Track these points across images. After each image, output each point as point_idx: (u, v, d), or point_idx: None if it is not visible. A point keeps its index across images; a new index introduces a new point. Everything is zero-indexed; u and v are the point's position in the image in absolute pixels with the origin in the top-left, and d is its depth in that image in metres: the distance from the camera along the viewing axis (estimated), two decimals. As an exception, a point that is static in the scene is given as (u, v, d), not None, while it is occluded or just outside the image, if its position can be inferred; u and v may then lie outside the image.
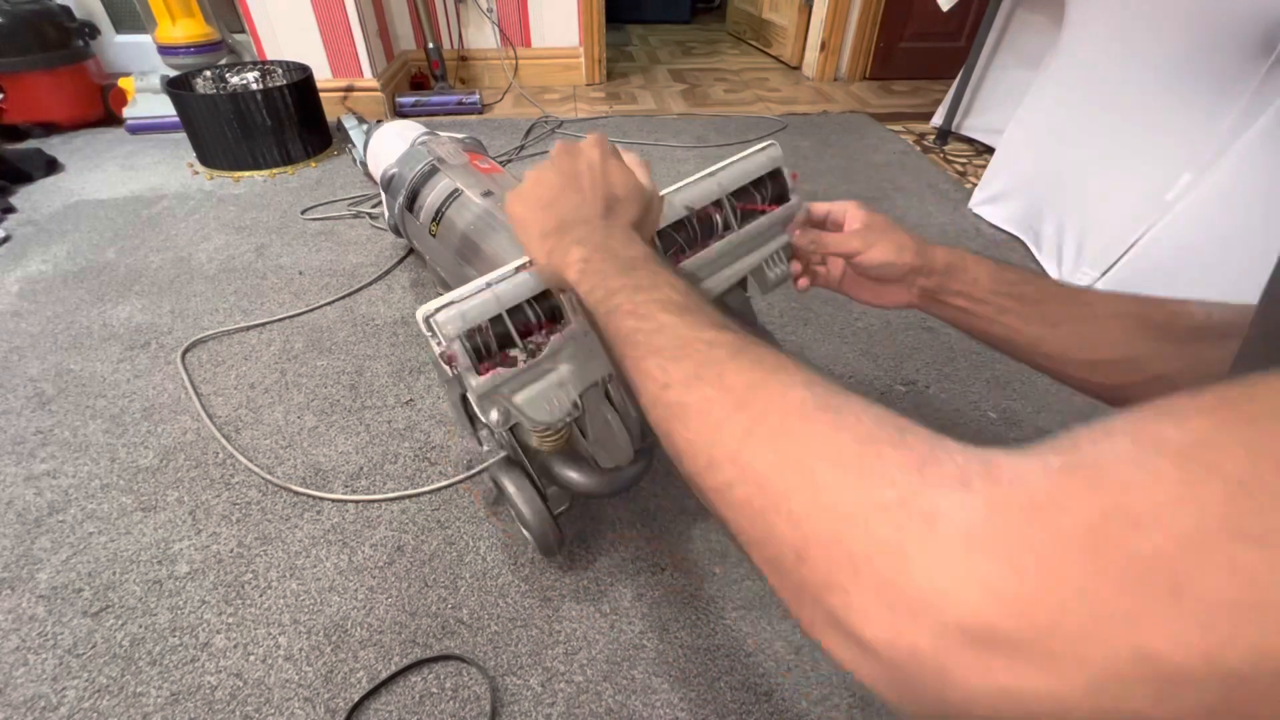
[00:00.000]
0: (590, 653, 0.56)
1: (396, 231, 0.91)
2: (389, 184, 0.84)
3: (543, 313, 0.44)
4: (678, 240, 0.48)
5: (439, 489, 0.70)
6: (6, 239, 1.18)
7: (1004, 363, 0.89)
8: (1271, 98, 0.78)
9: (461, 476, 0.71)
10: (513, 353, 0.43)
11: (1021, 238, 1.19)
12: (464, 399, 0.51)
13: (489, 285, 0.42)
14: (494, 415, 0.43)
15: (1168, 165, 0.90)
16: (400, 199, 0.81)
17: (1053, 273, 1.08)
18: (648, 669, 0.55)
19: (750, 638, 0.57)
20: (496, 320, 0.42)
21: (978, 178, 1.41)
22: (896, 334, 0.95)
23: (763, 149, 0.53)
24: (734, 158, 0.52)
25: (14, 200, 1.31)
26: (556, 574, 0.62)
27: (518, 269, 0.43)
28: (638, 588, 0.61)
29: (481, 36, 2.04)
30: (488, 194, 0.73)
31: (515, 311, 0.43)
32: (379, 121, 1.62)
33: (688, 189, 0.49)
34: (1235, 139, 0.82)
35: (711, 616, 0.58)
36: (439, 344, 0.41)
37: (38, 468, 0.72)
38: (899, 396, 0.83)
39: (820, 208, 0.54)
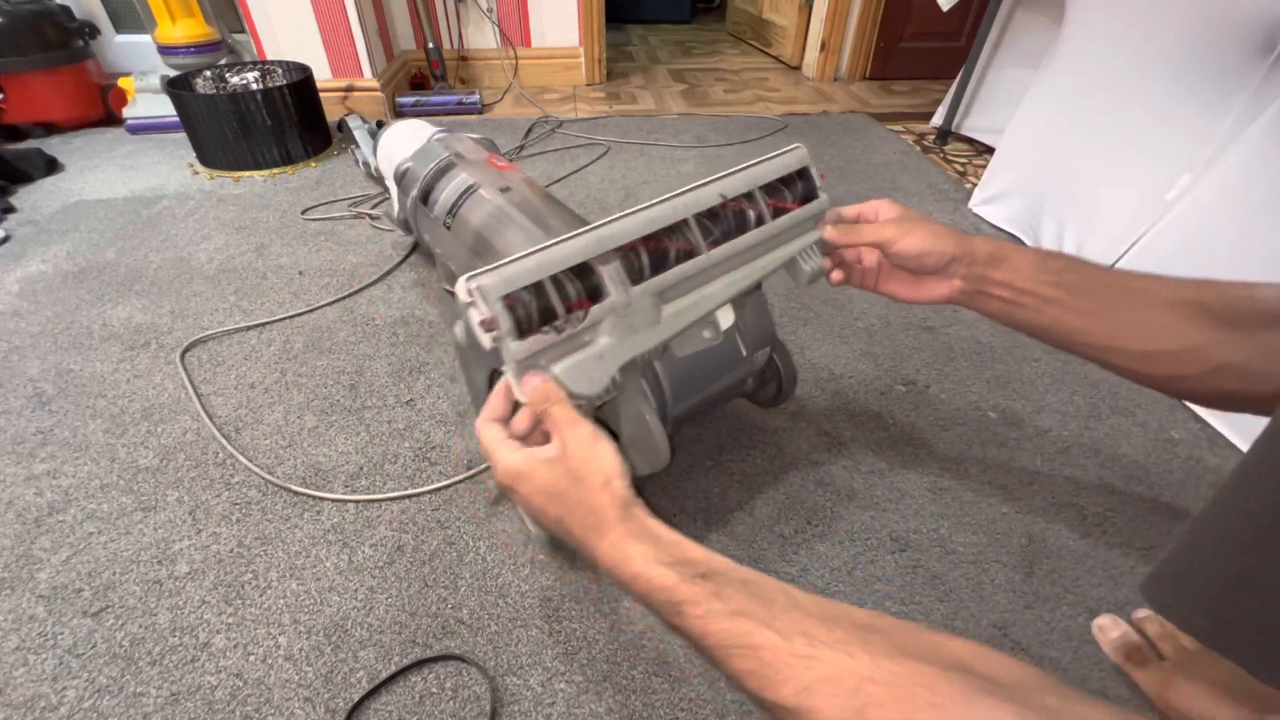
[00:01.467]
0: (590, 653, 0.56)
1: (405, 228, 0.91)
2: (402, 178, 0.84)
3: (583, 288, 0.44)
4: (713, 230, 0.49)
5: (439, 488, 0.70)
6: (6, 239, 1.18)
7: (1004, 362, 0.89)
8: (1271, 97, 0.78)
9: (464, 475, 0.71)
10: (554, 324, 0.43)
11: (1022, 237, 1.19)
12: (492, 380, 0.51)
13: (530, 254, 0.42)
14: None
15: (1168, 165, 0.91)
16: (414, 192, 0.80)
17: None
18: (648, 669, 0.55)
19: (750, 638, 0.57)
20: (537, 294, 0.42)
21: (978, 178, 1.41)
22: (896, 334, 0.95)
23: (791, 150, 0.55)
24: (764, 157, 0.53)
25: (14, 200, 1.31)
26: (556, 574, 0.62)
27: (557, 243, 0.43)
28: (638, 588, 0.61)
29: (481, 36, 2.04)
30: (505, 190, 0.73)
31: (555, 283, 0.43)
32: (378, 123, 1.62)
33: (722, 180, 0.50)
34: (1235, 138, 0.82)
35: (711, 616, 0.58)
36: (480, 310, 0.40)
37: (38, 468, 0.72)
38: (899, 396, 0.83)
39: (851, 209, 0.54)
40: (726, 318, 0.54)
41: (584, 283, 0.43)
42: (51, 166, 1.45)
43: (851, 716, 0.25)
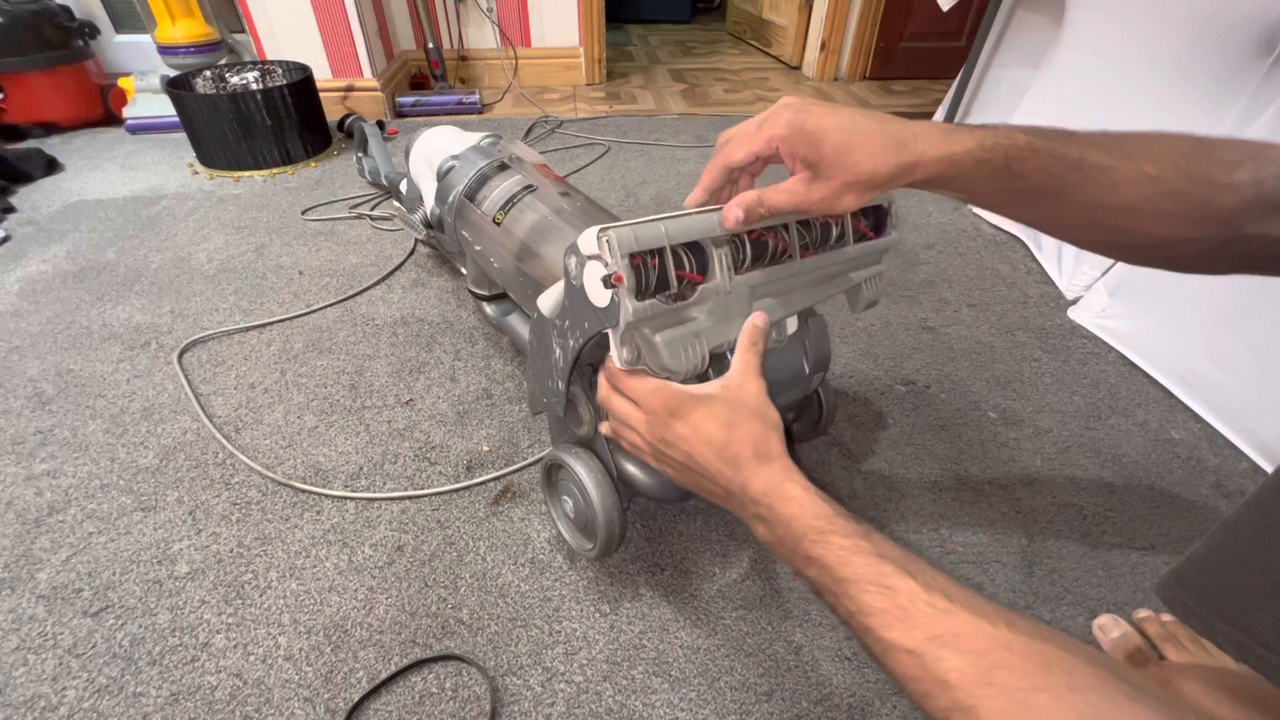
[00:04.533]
0: (590, 653, 0.56)
1: (428, 224, 0.91)
2: (445, 174, 0.84)
3: (694, 265, 0.44)
4: (806, 237, 0.49)
5: (443, 492, 0.70)
6: (6, 239, 1.18)
7: (1004, 363, 0.89)
8: (1272, 97, 0.78)
9: (467, 482, 0.71)
10: (666, 293, 0.43)
11: (1021, 238, 1.19)
12: (574, 366, 0.50)
13: (657, 219, 0.42)
14: (625, 353, 0.43)
15: (1168, 165, 0.90)
16: (459, 189, 0.80)
17: (1052, 273, 1.08)
18: (648, 669, 0.55)
19: (750, 638, 0.57)
20: (659, 260, 0.42)
21: (978, 178, 1.41)
22: (896, 334, 0.95)
23: None
24: None
25: (14, 200, 1.31)
26: (556, 574, 0.62)
27: (680, 215, 0.43)
28: (638, 588, 0.61)
29: (481, 36, 2.04)
30: (565, 194, 0.73)
31: (673, 254, 0.43)
32: (379, 123, 1.62)
33: None
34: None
35: (711, 616, 0.58)
36: (607, 264, 0.40)
37: (38, 468, 0.72)
38: (899, 396, 0.83)
39: (739, 151, 0.41)
40: (791, 324, 0.55)
41: (695, 261, 0.44)
42: (51, 166, 1.45)
43: (978, 674, 0.26)
